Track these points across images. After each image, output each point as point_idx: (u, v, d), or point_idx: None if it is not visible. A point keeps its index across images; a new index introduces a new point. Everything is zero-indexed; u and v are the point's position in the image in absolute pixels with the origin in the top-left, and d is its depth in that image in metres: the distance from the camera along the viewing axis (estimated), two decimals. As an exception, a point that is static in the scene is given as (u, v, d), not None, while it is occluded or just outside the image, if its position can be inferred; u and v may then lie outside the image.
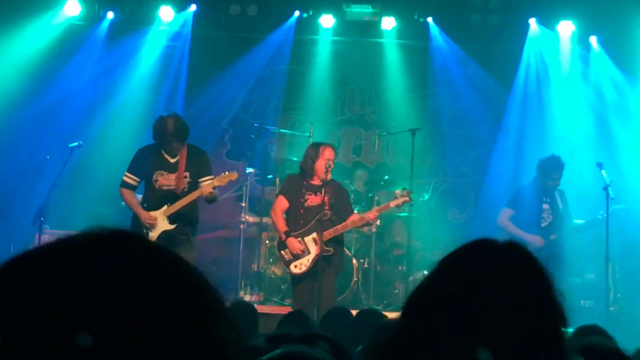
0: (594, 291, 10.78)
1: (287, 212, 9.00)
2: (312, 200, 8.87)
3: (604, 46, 12.27)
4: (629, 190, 11.00)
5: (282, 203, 8.98)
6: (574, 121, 12.08)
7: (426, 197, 12.09)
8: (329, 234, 8.73)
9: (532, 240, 9.91)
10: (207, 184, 8.51)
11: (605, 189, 9.61)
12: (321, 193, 8.82)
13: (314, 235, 8.79)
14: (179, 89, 12.51)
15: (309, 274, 8.77)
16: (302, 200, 8.88)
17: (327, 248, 8.73)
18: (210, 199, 8.66)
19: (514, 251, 1.77)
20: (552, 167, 9.96)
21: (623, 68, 12.18)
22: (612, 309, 10.28)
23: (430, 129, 12.52)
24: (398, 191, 9.24)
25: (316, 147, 9.05)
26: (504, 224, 10.19)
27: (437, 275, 1.77)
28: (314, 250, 8.78)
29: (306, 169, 8.93)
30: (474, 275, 1.71)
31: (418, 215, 11.58)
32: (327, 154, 8.86)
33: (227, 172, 8.77)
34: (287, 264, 8.90)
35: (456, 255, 1.79)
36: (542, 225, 10.00)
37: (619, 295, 10.88)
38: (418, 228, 11.63)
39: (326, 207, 8.74)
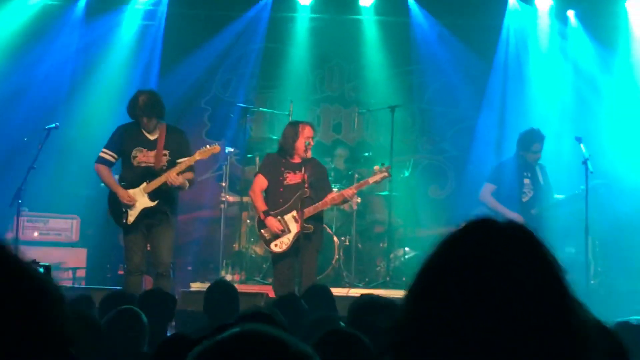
0: (575, 265, 10.82)
1: (267, 190, 8.96)
2: (291, 178, 8.83)
3: (582, 20, 12.28)
4: (608, 164, 11.03)
5: (261, 182, 8.93)
6: (554, 96, 12.10)
7: (406, 174, 12.08)
8: (308, 211, 8.69)
9: (513, 217, 9.93)
10: (177, 169, 8.44)
11: (585, 162, 9.62)
12: (300, 171, 8.78)
13: (294, 213, 8.75)
14: (155, 68, 12.41)
15: (289, 253, 8.75)
16: (281, 178, 8.84)
17: (307, 226, 8.70)
18: (178, 188, 8.61)
19: (516, 232, 1.71)
20: (532, 140, 9.97)
21: (600, 42, 12.19)
22: (592, 282, 10.33)
23: (410, 105, 12.51)
24: (377, 167, 9.22)
25: (295, 125, 9.00)
26: (486, 200, 10.20)
27: (438, 257, 1.71)
28: (294, 228, 8.75)
29: (285, 148, 8.88)
30: (475, 257, 1.66)
31: (398, 192, 11.58)
32: (307, 132, 8.82)
33: (208, 146, 8.74)
34: (268, 243, 8.86)
35: (456, 236, 1.73)
36: (524, 200, 10.02)
37: (599, 269, 10.93)
38: (399, 205, 11.63)
39: (306, 185, 8.71)
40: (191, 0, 12.59)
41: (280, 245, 8.76)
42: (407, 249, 11.51)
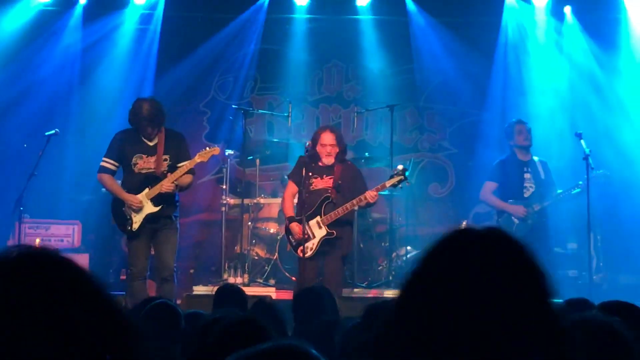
0: (577, 261, 10.83)
1: (297, 195, 8.99)
2: (318, 183, 8.82)
3: (579, 15, 12.25)
4: (607, 158, 10.99)
5: (291, 188, 8.99)
6: (554, 92, 12.07)
7: (406, 173, 12.04)
8: (329, 217, 8.68)
9: (516, 210, 9.89)
10: (177, 173, 8.46)
11: (585, 158, 9.61)
12: (329, 175, 8.79)
13: (318, 218, 8.73)
14: (152, 72, 12.39)
15: (313, 258, 8.72)
16: (307, 183, 8.77)
17: (330, 231, 8.68)
18: (179, 190, 8.63)
19: (494, 238, 1.77)
20: (512, 126, 10.12)
21: (597, 37, 12.17)
22: (595, 278, 10.32)
23: (408, 104, 12.50)
24: (395, 170, 9.11)
25: (316, 131, 9.08)
26: (487, 198, 10.18)
27: (421, 266, 1.80)
28: (318, 234, 8.72)
29: (311, 152, 8.89)
30: (455, 266, 1.73)
31: (399, 192, 11.53)
32: (322, 139, 8.83)
33: (208, 148, 8.77)
34: (294, 248, 8.85)
35: (437, 246, 1.80)
36: (525, 195, 10.00)
37: (601, 264, 10.93)
38: (399, 204, 11.62)
39: (329, 190, 8.70)
40: (187, 2, 12.57)
41: (305, 250, 8.69)
42: (408, 247, 11.48)
